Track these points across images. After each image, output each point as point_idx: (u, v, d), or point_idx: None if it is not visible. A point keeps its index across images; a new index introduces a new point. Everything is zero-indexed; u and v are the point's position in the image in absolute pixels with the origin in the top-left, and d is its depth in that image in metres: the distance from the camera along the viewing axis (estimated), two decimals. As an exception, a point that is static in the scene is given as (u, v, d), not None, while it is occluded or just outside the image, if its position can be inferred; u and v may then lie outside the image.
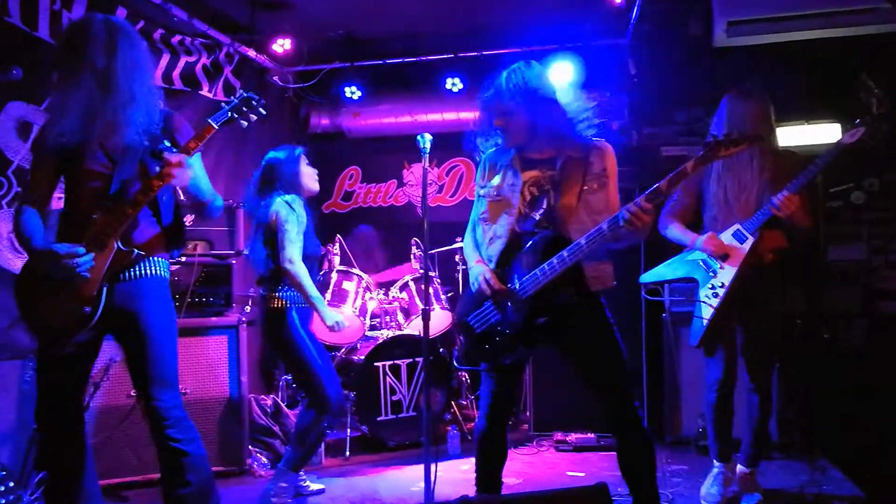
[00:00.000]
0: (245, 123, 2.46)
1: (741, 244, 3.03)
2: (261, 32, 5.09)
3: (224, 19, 4.90)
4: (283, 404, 4.28)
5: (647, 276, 3.41)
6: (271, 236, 3.35)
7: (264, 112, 2.47)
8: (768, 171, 3.05)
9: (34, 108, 3.55)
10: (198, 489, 2.39)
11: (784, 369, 3.95)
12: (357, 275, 4.56)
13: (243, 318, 3.93)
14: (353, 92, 5.69)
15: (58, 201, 2.47)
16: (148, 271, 2.42)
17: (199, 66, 4.78)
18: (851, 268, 4.64)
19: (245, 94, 2.43)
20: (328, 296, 4.35)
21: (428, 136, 2.85)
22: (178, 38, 4.54)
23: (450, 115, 5.68)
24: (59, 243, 2.29)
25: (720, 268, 3.06)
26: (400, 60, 5.55)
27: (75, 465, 2.41)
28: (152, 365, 2.37)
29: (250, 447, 3.94)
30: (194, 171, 2.44)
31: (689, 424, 4.25)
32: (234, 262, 4.07)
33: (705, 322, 3.04)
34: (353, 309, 4.43)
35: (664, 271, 3.33)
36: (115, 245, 2.31)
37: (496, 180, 2.58)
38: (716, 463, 3.31)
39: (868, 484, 3.34)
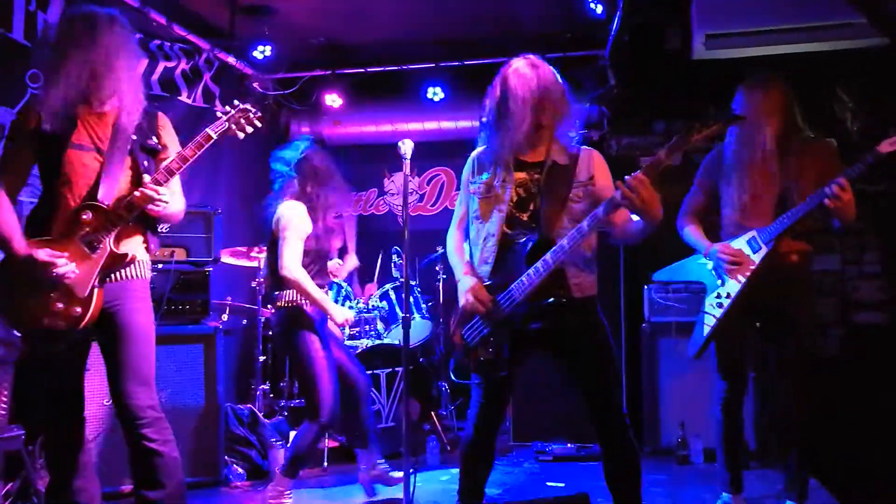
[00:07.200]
0: (241, 135, 2.47)
1: (754, 253, 2.84)
2: (241, 38, 5.04)
3: (203, 24, 4.85)
4: (260, 414, 4.22)
5: (659, 274, 3.44)
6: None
7: (260, 125, 2.51)
8: (795, 167, 2.82)
9: (6, 109, 3.48)
10: (170, 494, 2.35)
11: (759, 376, 3.97)
12: (337, 284, 4.52)
13: (220, 326, 3.87)
14: (333, 100, 5.66)
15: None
16: (134, 273, 2.42)
17: (178, 72, 4.72)
18: (825, 278, 4.69)
19: (242, 106, 2.47)
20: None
21: (409, 142, 2.84)
22: (156, 42, 4.49)
23: (431, 125, 5.67)
24: (39, 249, 2.24)
25: (729, 277, 2.89)
26: (381, 69, 5.54)
27: (78, 464, 2.38)
28: (132, 362, 2.36)
29: (226, 457, 3.87)
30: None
31: (669, 435, 4.26)
32: (211, 269, 4.01)
33: (706, 332, 2.92)
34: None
35: (676, 270, 3.27)
36: (109, 247, 2.31)
37: (486, 176, 2.53)
38: (724, 495, 3.02)
39: (841, 491, 3.35)
